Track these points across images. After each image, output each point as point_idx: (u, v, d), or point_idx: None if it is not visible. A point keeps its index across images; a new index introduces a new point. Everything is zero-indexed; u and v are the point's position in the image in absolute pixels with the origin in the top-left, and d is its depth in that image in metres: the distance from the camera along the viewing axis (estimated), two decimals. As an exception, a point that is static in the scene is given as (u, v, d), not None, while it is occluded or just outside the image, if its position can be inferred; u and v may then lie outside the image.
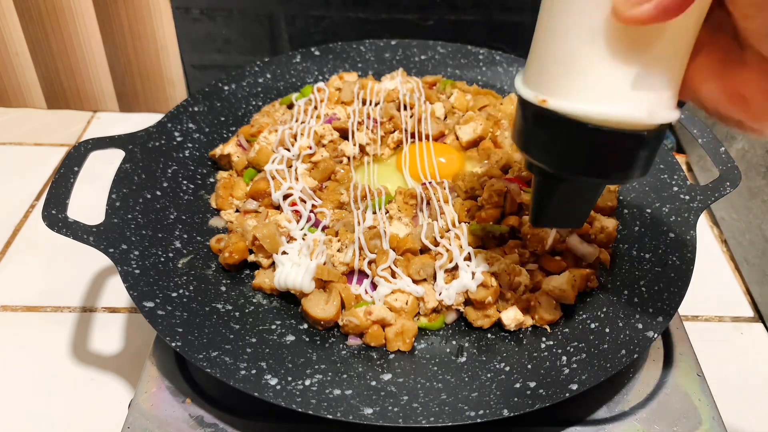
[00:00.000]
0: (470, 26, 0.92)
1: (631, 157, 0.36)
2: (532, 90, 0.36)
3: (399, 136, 0.65)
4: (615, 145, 0.35)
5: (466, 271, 0.50)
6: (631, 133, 0.35)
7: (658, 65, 0.34)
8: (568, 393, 0.43)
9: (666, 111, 0.35)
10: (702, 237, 0.82)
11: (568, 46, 0.34)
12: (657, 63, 0.34)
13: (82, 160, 0.57)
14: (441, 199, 0.56)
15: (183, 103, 0.68)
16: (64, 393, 0.60)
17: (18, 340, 0.65)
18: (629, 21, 0.31)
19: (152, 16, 0.91)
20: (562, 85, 0.35)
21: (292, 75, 0.77)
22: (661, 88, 0.34)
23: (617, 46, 0.33)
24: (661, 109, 0.35)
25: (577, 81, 0.34)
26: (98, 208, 0.54)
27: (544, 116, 0.36)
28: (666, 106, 0.35)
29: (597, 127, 0.34)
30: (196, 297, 0.51)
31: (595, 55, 0.33)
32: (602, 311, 0.51)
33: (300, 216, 0.56)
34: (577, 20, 0.33)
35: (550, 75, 0.35)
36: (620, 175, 0.38)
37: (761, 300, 0.72)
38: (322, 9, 0.91)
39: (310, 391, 0.44)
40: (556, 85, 0.35)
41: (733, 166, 0.59)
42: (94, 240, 0.51)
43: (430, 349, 0.50)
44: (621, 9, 0.31)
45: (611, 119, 0.34)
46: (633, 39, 0.33)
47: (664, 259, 0.53)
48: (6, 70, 0.97)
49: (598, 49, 0.33)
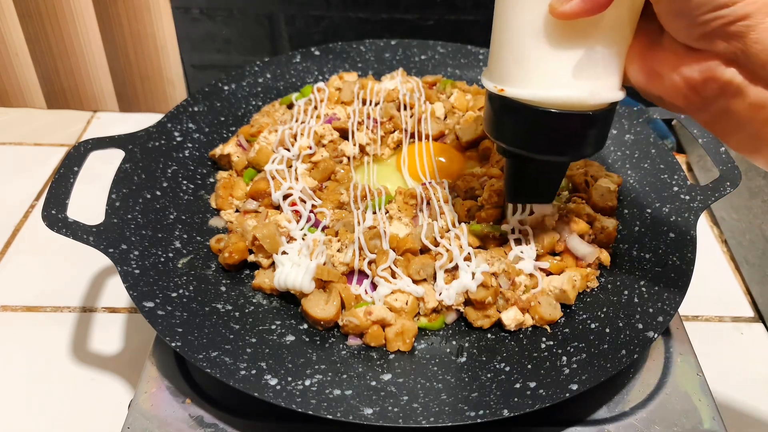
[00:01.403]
0: (470, 26, 0.92)
1: (581, 134, 0.42)
2: (492, 81, 0.42)
3: (399, 136, 0.65)
4: (565, 125, 0.41)
5: (466, 271, 0.50)
6: (578, 114, 0.40)
7: (596, 52, 0.39)
8: (568, 393, 0.43)
9: (608, 91, 0.40)
10: (702, 237, 0.82)
11: (517, 41, 0.40)
12: (595, 50, 0.38)
13: (82, 160, 0.57)
14: (441, 199, 0.56)
15: (183, 103, 0.68)
16: (64, 393, 0.60)
17: (18, 340, 0.65)
18: (562, 16, 0.37)
19: (152, 16, 0.91)
20: (516, 75, 0.40)
21: (292, 75, 0.77)
22: (603, 72, 0.39)
23: (557, 38, 0.38)
24: (603, 89, 0.40)
25: (527, 70, 0.40)
26: (98, 208, 0.54)
27: (503, 104, 0.42)
28: (608, 87, 0.40)
29: (547, 110, 0.40)
30: (196, 297, 0.51)
31: (539, 47, 0.39)
32: (602, 311, 0.51)
33: (300, 216, 0.56)
34: (522, 18, 0.39)
35: (505, 67, 0.41)
36: (574, 152, 0.43)
37: (761, 300, 0.72)
38: (322, 9, 0.91)
39: (310, 391, 0.44)
40: (511, 75, 0.41)
41: (733, 166, 0.59)
42: (94, 240, 0.51)
43: (430, 349, 0.50)
44: (554, 5, 0.37)
45: (558, 102, 0.40)
46: (570, 31, 0.38)
47: (664, 259, 0.53)
48: (6, 70, 0.97)
49: (542, 41, 0.39)
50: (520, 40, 0.39)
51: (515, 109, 0.41)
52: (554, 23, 0.38)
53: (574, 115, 0.40)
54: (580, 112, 0.40)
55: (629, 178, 0.63)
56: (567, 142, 0.42)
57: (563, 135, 0.41)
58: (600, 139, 0.43)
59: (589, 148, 0.42)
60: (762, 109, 0.35)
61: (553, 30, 0.38)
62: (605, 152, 0.67)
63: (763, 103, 0.35)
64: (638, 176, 0.63)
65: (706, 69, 0.36)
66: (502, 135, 0.44)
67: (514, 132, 0.43)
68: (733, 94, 0.35)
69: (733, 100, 0.36)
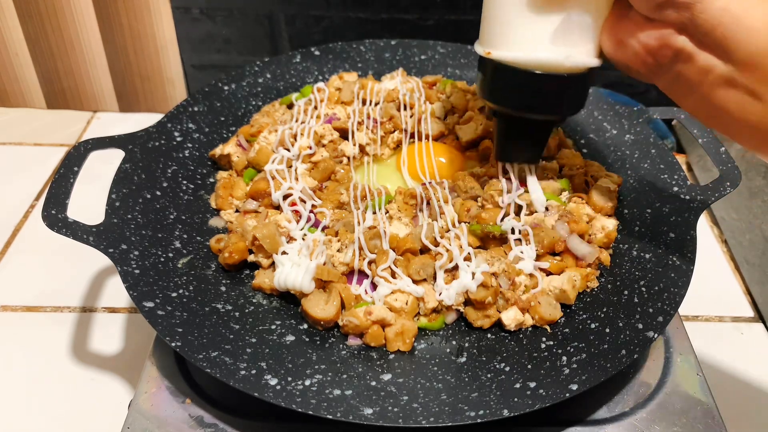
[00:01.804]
0: (470, 26, 0.92)
1: (558, 95, 0.47)
2: (481, 46, 0.48)
3: (399, 136, 0.65)
4: (543, 85, 0.46)
5: (466, 271, 0.50)
6: (554, 75, 0.45)
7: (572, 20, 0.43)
8: (568, 393, 0.43)
9: (582, 56, 0.45)
10: (702, 237, 0.82)
11: (502, 9, 0.45)
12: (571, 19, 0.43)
13: (81, 160, 0.57)
14: (441, 199, 0.56)
15: (183, 103, 0.68)
16: (64, 393, 0.60)
17: (18, 340, 0.65)
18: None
19: (152, 16, 0.91)
20: (500, 39, 0.46)
21: (292, 75, 0.77)
22: (579, 39, 0.44)
23: (537, 7, 0.43)
24: (578, 54, 0.44)
25: (510, 35, 0.45)
26: (98, 208, 0.54)
27: (491, 65, 0.47)
28: (583, 53, 0.45)
29: (526, 70, 0.45)
30: (196, 297, 0.51)
31: (522, 15, 0.44)
32: (602, 311, 0.51)
33: (300, 216, 0.56)
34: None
35: (492, 33, 0.47)
36: (551, 111, 0.49)
37: (761, 300, 0.72)
38: (322, 9, 0.91)
39: (310, 391, 0.44)
40: (497, 40, 0.46)
41: (733, 166, 0.59)
42: (94, 240, 0.51)
43: (430, 349, 0.50)
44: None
45: (535, 63, 0.45)
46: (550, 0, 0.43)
47: (664, 259, 0.53)
48: (6, 70, 0.97)
49: (524, 9, 0.44)
50: (506, 8, 0.45)
51: (500, 70, 0.47)
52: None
53: (551, 76, 0.45)
54: (557, 74, 0.45)
55: (629, 178, 0.63)
56: (545, 101, 0.47)
57: (542, 95, 0.47)
58: (576, 101, 0.48)
59: (565, 108, 0.48)
60: (709, 72, 0.39)
61: None
62: (605, 152, 0.67)
63: (709, 67, 0.39)
64: (638, 176, 0.63)
65: (660, 36, 0.40)
66: (490, 95, 0.49)
67: (499, 92, 0.49)
68: (685, 60, 0.40)
69: (685, 65, 0.40)
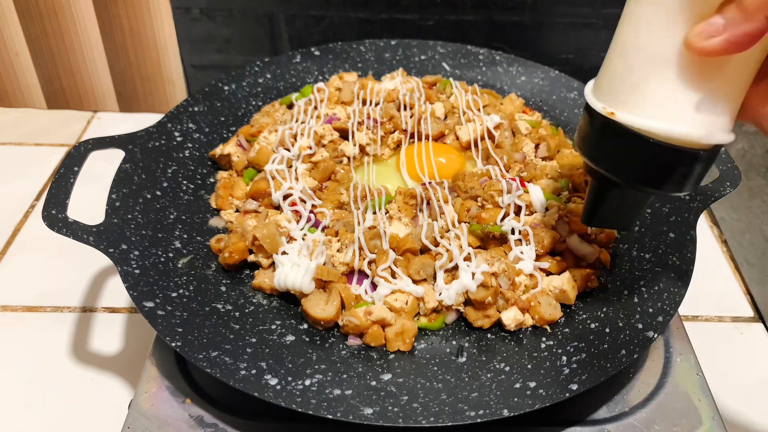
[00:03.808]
0: (470, 26, 0.92)
1: (685, 172, 0.40)
2: (601, 102, 0.40)
3: (399, 136, 0.65)
4: (672, 160, 0.39)
5: (466, 272, 0.50)
6: (688, 151, 0.38)
7: (720, 91, 0.37)
8: (568, 393, 0.43)
9: (722, 133, 0.38)
10: (702, 237, 0.82)
11: (639, 67, 0.38)
12: (719, 89, 0.37)
13: (82, 160, 0.57)
14: (441, 199, 0.56)
15: (183, 103, 0.68)
16: (64, 393, 0.60)
17: (18, 340, 0.65)
18: (700, 52, 0.35)
19: (152, 16, 0.91)
20: (631, 101, 0.38)
21: (292, 75, 0.77)
22: (721, 112, 0.38)
23: (685, 73, 0.36)
24: (718, 130, 0.38)
25: (645, 99, 0.38)
26: (98, 208, 0.54)
27: (610, 127, 0.40)
28: (723, 129, 0.38)
29: (658, 142, 0.38)
30: (196, 297, 0.51)
31: (663, 78, 0.37)
32: (602, 311, 0.51)
33: (300, 216, 0.56)
34: (650, 45, 0.37)
35: (620, 91, 0.39)
36: (673, 188, 0.41)
37: (761, 300, 0.72)
38: (322, 9, 0.91)
39: (310, 391, 0.44)
40: (625, 100, 0.39)
41: (733, 166, 0.59)
42: (94, 240, 0.51)
43: (430, 349, 0.50)
44: (693, 41, 0.35)
45: (672, 136, 0.38)
46: (700, 67, 0.36)
47: (664, 259, 0.53)
48: (6, 70, 0.97)
49: (668, 73, 0.37)
50: (644, 67, 0.38)
51: (621, 133, 0.39)
52: (685, 56, 0.36)
53: (685, 152, 0.38)
54: (692, 150, 0.38)
55: (629, 178, 0.63)
56: (669, 177, 0.40)
57: (668, 170, 0.40)
58: (699, 179, 0.41)
59: (688, 186, 0.41)
60: None
61: (683, 63, 0.36)
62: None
63: None
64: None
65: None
66: (599, 157, 0.42)
67: (613, 157, 0.41)
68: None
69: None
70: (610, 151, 0.41)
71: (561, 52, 0.94)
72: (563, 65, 0.95)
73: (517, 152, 0.64)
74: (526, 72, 0.78)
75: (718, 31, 0.33)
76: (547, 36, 0.93)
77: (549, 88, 0.76)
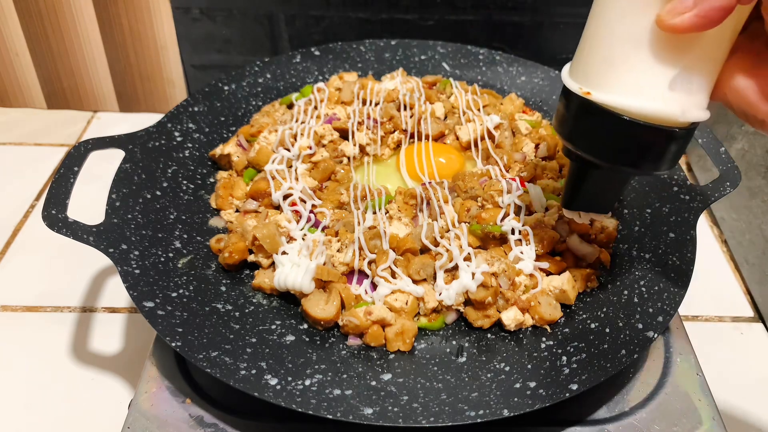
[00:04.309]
0: (470, 26, 0.92)
1: (661, 150, 0.40)
2: (577, 83, 0.40)
3: (399, 136, 0.65)
4: (648, 138, 0.39)
5: (466, 272, 0.50)
6: (664, 128, 0.39)
7: (693, 68, 0.37)
8: (568, 393, 0.43)
9: (698, 110, 0.38)
10: (702, 237, 0.82)
11: (614, 47, 0.38)
12: (693, 66, 0.37)
13: (82, 160, 0.57)
14: (441, 199, 0.56)
15: (183, 103, 0.68)
16: (64, 393, 0.60)
17: (18, 340, 0.65)
18: (671, 29, 0.35)
19: (152, 16, 0.91)
20: (606, 80, 0.39)
21: (292, 75, 0.77)
22: (695, 90, 0.38)
23: (658, 50, 0.37)
24: (693, 108, 0.38)
25: (620, 78, 0.38)
26: (98, 208, 0.54)
27: (586, 107, 0.40)
28: (698, 106, 0.38)
29: (634, 120, 0.38)
30: (196, 297, 0.51)
31: (637, 57, 0.37)
32: (602, 311, 0.51)
33: (300, 216, 0.56)
34: (624, 25, 0.37)
35: (595, 71, 0.39)
36: (650, 167, 0.41)
37: (761, 300, 0.72)
38: (322, 9, 0.91)
39: (310, 391, 0.44)
40: (600, 80, 0.39)
41: (733, 166, 0.59)
42: (94, 240, 0.51)
43: (430, 349, 0.50)
44: (664, 18, 0.35)
45: (647, 114, 0.38)
46: (673, 45, 0.36)
47: (664, 259, 0.53)
48: (6, 70, 0.97)
49: (641, 51, 0.37)
50: (618, 46, 0.38)
51: (597, 113, 0.39)
52: (658, 34, 0.36)
53: (661, 130, 0.39)
54: (667, 127, 0.39)
55: (629, 178, 0.63)
56: (645, 155, 0.40)
57: (644, 148, 0.40)
58: (676, 157, 0.41)
59: (665, 164, 0.41)
60: None
61: (656, 41, 0.37)
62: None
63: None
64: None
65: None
66: (577, 138, 0.42)
67: (590, 137, 0.42)
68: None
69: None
70: (587, 131, 0.41)
71: (561, 52, 0.94)
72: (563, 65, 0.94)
73: (517, 152, 0.64)
74: (526, 72, 0.78)
75: (688, 7, 0.34)
76: (547, 36, 0.93)
77: (549, 88, 0.76)
